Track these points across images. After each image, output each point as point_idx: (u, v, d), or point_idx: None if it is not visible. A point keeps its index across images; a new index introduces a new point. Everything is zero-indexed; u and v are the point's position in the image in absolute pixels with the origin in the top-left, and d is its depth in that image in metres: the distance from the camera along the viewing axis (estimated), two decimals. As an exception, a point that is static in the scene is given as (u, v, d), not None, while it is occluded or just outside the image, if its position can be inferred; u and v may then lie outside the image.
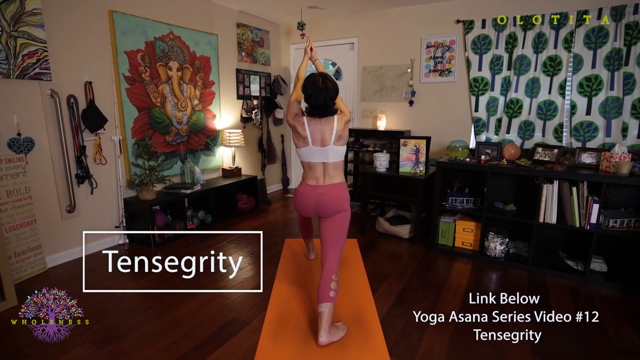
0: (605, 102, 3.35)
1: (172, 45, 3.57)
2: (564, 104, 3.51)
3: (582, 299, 2.45)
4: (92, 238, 3.16)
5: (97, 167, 3.13)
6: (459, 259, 3.04)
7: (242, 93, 4.48)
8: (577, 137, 3.50)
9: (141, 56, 3.32)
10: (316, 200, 2.20)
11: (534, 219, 2.73)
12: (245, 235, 3.57)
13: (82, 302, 2.38)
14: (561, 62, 3.46)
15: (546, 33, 3.48)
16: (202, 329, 2.12)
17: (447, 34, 3.96)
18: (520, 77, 3.65)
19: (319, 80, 2.07)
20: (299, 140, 2.20)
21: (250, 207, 4.25)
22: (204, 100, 3.99)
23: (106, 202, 3.23)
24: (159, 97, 3.51)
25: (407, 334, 2.08)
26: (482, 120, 3.89)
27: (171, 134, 3.68)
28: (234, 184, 4.02)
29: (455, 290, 2.55)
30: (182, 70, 3.70)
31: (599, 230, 2.54)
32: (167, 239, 3.35)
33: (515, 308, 2.32)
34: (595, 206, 2.50)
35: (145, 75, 3.37)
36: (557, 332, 2.09)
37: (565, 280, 2.67)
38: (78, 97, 2.94)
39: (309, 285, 2.59)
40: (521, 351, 1.93)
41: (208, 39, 3.94)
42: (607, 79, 3.33)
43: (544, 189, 2.66)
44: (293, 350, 1.92)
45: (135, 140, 3.36)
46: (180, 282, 2.64)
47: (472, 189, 3.22)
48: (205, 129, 4.05)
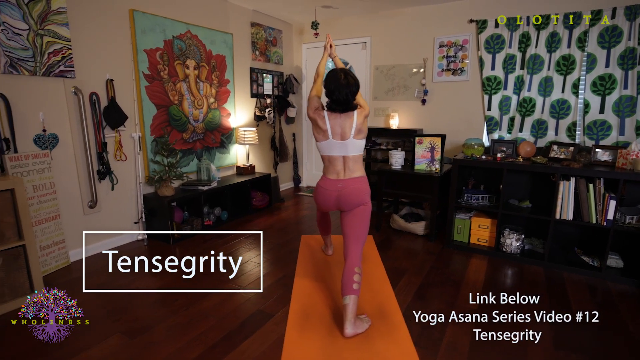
0: (619, 101, 3.38)
1: (189, 44, 3.62)
2: (577, 102, 3.55)
3: (600, 294, 2.48)
4: (111, 233, 3.21)
5: (117, 164, 3.18)
6: (475, 255, 3.08)
7: (256, 91, 4.52)
8: (590, 136, 3.53)
9: (160, 54, 3.37)
10: (337, 194, 2.24)
11: (551, 216, 2.77)
12: (263, 231, 3.61)
13: (106, 294, 2.44)
14: (575, 61, 3.50)
15: (560, 32, 3.52)
16: (229, 321, 2.16)
17: (460, 34, 4.00)
18: (534, 76, 3.69)
19: (341, 76, 2.11)
20: (319, 133, 2.23)
21: (264, 204, 4.29)
22: (220, 99, 4.04)
23: (126, 198, 3.28)
24: (176, 95, 3.56)
25: (430, 327, 2.12)
26: (495, 119, 3.93)
27: (188, 132, 3.73)
28: (249, 181, 4.07)
29: (473, 285, 2.59)
30: (198, 69, 3.75)
31: (616, 226, 2.58)
32: (184, 235, 3.40)
33: (535, 302, 2.37)
34: (612, 203, 2.54)
35: (164, 73, 3.42)
36: (577, 327, 2.12)
37: (581, 277, 2.71)
38: (100, 94, 2.99)
39: (329, 280, 2.64)
40: (543, 345, 1.97)
41: (224, 37, 3.99)
42: (620, 77, 3.36)
43: (560, 186, 2.70)
44: (320, 342, 1.96)
45: (154, 137, 3.41)
46: (199, 277, 2.68)
47: (487, 186, 3.26)
48: (221, 126, 4.10)
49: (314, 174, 5.44)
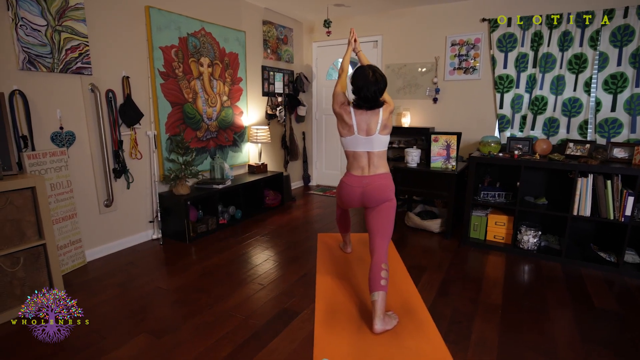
0: (630, 99, 3.42)
1: (203, 41, 3.60)
2: (589, 101, 3.58)
3: (619, 289, 2.51)
4: (126, 232, 3.19)
5: (132, 162, 3.15)
6: (492, 252, 3.10)
7: (267, 90, 4.51)
8: (601, 134, 3.57)
9: (175, 52, 3.35)
10: (362, 191, 2.23)
11: (568, 212, 2.79)
12: (276, 231, 3.60)
13: (127, 294, 2.42)
14: (587, 59, 3.53)
15: (572, 31, 3.55)
16: (255, 319, 2.15)
17: (472, 32, 4.02)
18: (546, 74, 3.72)
19: (369, 73, 2.10)
20: (344, 128, 2.22)
21: (277, 203, 4.28)
22: (232, 97, 4.03)
23: (141, 196, 3.26)
24: (190, 92, 3.54)
25: (457, 322, 2.13)
26: (507, 117, 3.96)
27: (202, 130, 3.71)
28: (262, 180, 4.06)
29: (494, 282, 2.60)
30: (212, 67, 3.73)
31: (633, 222, 2.61)
32: (200, 233, 3.38)
33: (556, 297, 2.39)
34: (630, 199, 2.57)
35: (179, 71, 3.40)
36: (600, 320, 2.15)
37: (599, 272, 2.74)
38: (116, 91, 2.96)
39: (350, 277, 2.64)
40: (570, 339, 1.98)
41: (236, 35, 3.97)
42: (632, 76, 3.40)
43: (578, 183, 2.72)
44: (349, 338, 1.96)
45: (169, 135, 3.39)
46: (220, 276, 2.68)
47: (503, 183, 3.28)
48: (233, 125, 4.08)
49: (324, 172, 5.44)
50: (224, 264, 2.88)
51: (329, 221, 3.88)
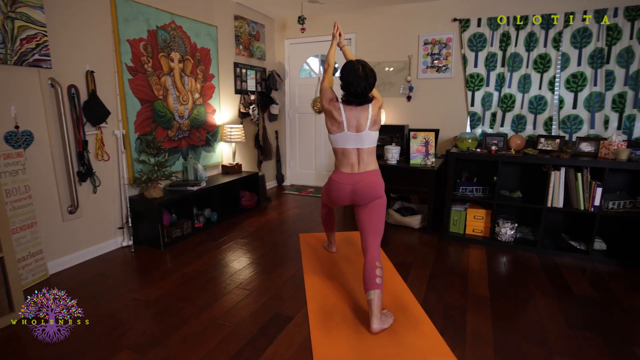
0: (590, 97, 3.65)
1: (173, 35, 3.40)
2: (552, 98, 3.79)
3: (592, 275, 2.66)
4: (93, 241, 2.93)
5: (99, 164, 2.91)
6: (472, 245, 3.18)
7: (240, 87, 4.36)
8: (564, 130, 3.79)
9: (143, 45, 3.13)
10: (353, 188, 2.19)
11: (543, 204, 2.92)
12: (255, 233, 3.48)
13: (102, 308, 2.22)
14: (550, 59, 3.73)
15: (537, 32, 3.73)
16: (246, 327, 2.04)
17: (444, 32, 4.12)
18: (514, 73, 3.89)
19: (359, 68, 2.07)
20: (333, 125, 2.18)
21: (253, 204, 4.15)
22: (205, 94, 3.84)
23: (109, 201, 3.01)
24: (161, 89, 3.33)
25: (451, 317, 2.15)
26: (478, 115, 4.10)
27: (173, 129, 3.50)
28: (237, 180, 3.91)
29: (479, 274, 2.67)
30: (183, 62, 3.53)
31: (602, 212, 2.78)
32: (175, 238, 3.19)
33: (538, 286, 2.49)
34: (598, 190, 2.73)
35: (148, 66, 3.19)
36: (581, 306, 2.26)
37: (571, 260, 2.89)
38: (79, 87, 2.71)
39: (339, 277, 2.59)
40: (557, 326, 2.06)
41: (208, 30, 3.80)
42: (591, 75, 3.63)
43: (552, 176, 2.86)
44: (348, 340, 1.92)
45: (139, 134, 3.16)
46: (202, 283, 2.53)
47: (480, 178, 3.38)
48: (206, 124, 3.90)
49: (298, 172, 5.35)
50: (205, 269, 2.73)
51: (309, 221, 3.81)
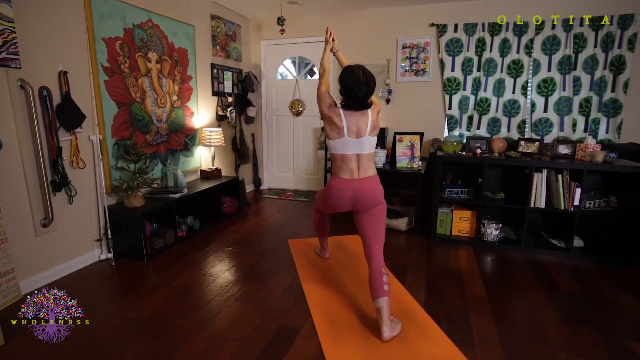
0: (559, 101, 3.90)
1: (150, 34, 3.21)
2: (525, 102, 4.00)
3: (574, 271, 2.82)
4: (69, 255, 2.69)
5: (74, 172, 2.67)
6: (459, 246, 3.27)
7: (217, 89, 4.20)
8: (536, 132, 4.02)
9: (120, 45, 2.92)
10: (353, 194, 2.18)
11: (526, 205, 3.06)
12: (241, 240, 3.37)
13: (89, 330, 2.03)
14: (523, 65, 3.93)
15: (510, 39, 3.92)
16: (253, 342, 1.96)
17: (422, 36, 4.22)
18: (489, 78, 4.06)
19: (359, 72, 2.06)
20: (333, 131, 2.15)
21: (234, 210, 4.01)
22: (182, 96, 3.66)
23: (85, 212, 2.78)
24: (138, 91, 3.12)
25: (455, 319, 2.18)
26: (455, 118, 4.23)
27: (151, 133, 3.30)
28: (219, 186, 3.76)
29: (472, 274, 2.75)
30: (161, 63, 3.34)
31: (580, 211, 2.96)
32: (157, 249, 3.01)
33: (528, 284, 2.60)
34: (577, 190, 2.91)
35: (125, 66, 2.98)
36: (571, 301, 2.39)
37: (553, 257, 3.05)
38: (52, 89, 2.47)
39: (338, 283, 2.56)
40: (553, 322, 2.16)
41: (185, 29, 3.62)
42: (560, 81, 3.88)
43: (534, 178, 3.00)
44: (360, 350, 1.89)
45: (116, 139, 2.94)
46: (195, 296, 2.40)
47: (464, 180, 3.49)
48: (184, 127, 3.71)
49: (276, 175, 5.26)
50: (195, 282, 2.59)
51: (294, 226, 3.75)
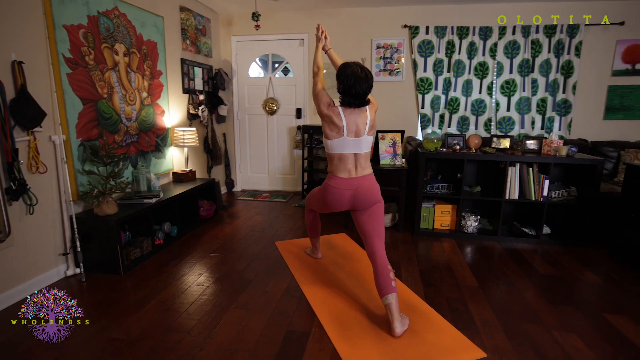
0: (519, 101, 4.19)
1: (117, 23, 2.92)
2: (491, 102, 4.25)
3: (547, 256, 3.03)
4: (30, 273, 2.36)
5: (34, 177, 2.35)
6: (442, 239, 3.38)
7: (188, 86, 3.95)
8: (500, 130, 4.28)
9: (83, 33, 2.62)
10: (353, 194, 2.16)
11: (502, 197, 3.24)
12: (225, 245, 3.19)
13: (74, 357, 1.79)
14: (488, 67, 4.17)
15: (476, 42, 4.14)
16: (264, 351, 1.84)
17: (396, 37, 4.31)
18: (458, 78, 4.25)
19: (358, 69, 2.05)
20: (332, 131, 2.12)
21: (212, 213, 3.80)
22: (152, 93, 3.38)
23: (48, 223, 2.46)
24: (105, 86, 2.83)
25: (455, 309, 2.24)
26: (428, 116, 4.38)
27: (120, 133, 3.01)
28: (195, 189, 3.53)
29: (461, 265, 2.84)
30: (129, 56, 3.06)
31: (549, 201, 3.19)
32: (134, 260, 2.74)
33: (511, 271, 2.74)
34: (546, 182, 3.13)
35: (89, 58, 2.68)
36: (551, 283, 2.56)
37: (526, 245, 3.26)
38: (4, 81, 2.15)
39: (336, 283, 2.52)
40: (542, 304, 2.29)
41: (154, 20, 3.35)
42: (520, 82, 4.16)
43: (509, 171, 3.18)
44: (375, 348, 1.86)
45: (81, 140, 2.64)
46: (189, 308, 2.23)
47: (443, 176, 3.61)
48: (155, 126, 3.44)
49: (249, 176, 5.07)
50: (185, 292, 2.40)
51: (278, 227, 3.64)
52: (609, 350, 1.87)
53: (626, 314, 2.19)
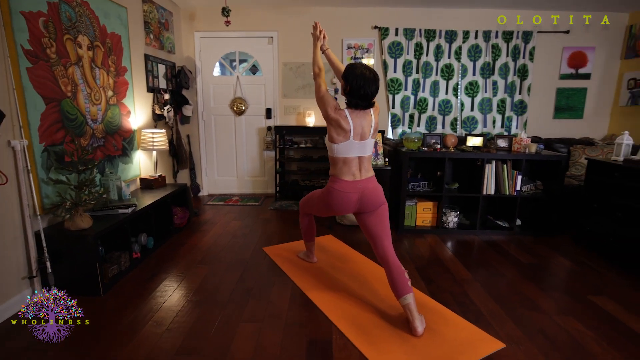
0: (482, 102, 4.47)
1: (80, 13, 2.58)
2: (456, 102, 4.48)
3: (523, 246, 3.26)
4: (-16, 304, 1.99)
5: (-9, 190, 1.98)
6: (425, 235, 3.48)
7: (152, 84, 3.61)
8: (465, 129, 4.53)
9: (44, 22, 2.27)
10: (359, 197, 2.15)
11: (479, 193, 3.42)
12: (209, 254, 2.97)
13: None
14: (454, 69, 4.39)
15: (443, 45, 4.33)
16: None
17: (366, 38, 4.35)
18: (426, 79, 4.42)
19: (365, 70, 2.05)
20: (339, 135, 2.09)
21: (185, 221, 3.52)
22: (118, 92, 3.04)
23: (8, 242, 2.08)
24: (69, 83, 2.48)
25: (462, 303, 2.31)
26: (398, 116, 4.50)
27: (86, 136, 2.66)
28: (169, 196, 3.24)
29: (451, 260, 2.95)
30: (93, 50, 2.72)
31: (522, 195, 3.43)
32: (112, 278, 2.44)
33: (497, 262, 2.91)
34: (519, 177, 3.37)
35: (51, 51, 2.33)
36: (535, 271, 2.76)
37: (502, 237, 3.48)
38: (-45, 76, 1.79)
39: (341, 286, 2.47)
40: (534, 291, 2.46)
41: (118, 11, 3.01)
42: (482, 84, 4.44)
43: (486, 168, 3.37)
44: (400, 348, 1.85)
45: (45, 145, 2.28)
46: (192, 327, 2.04)
47: (423, 174, 3.71)
48: (121, 129, 3.10)
49: (216, 180, 4.79)
50: (182, 309, 2.18)
51: (260, 232, 3.48)
52: (604, 328, 2.06)
53: (605, 295, 2.43)
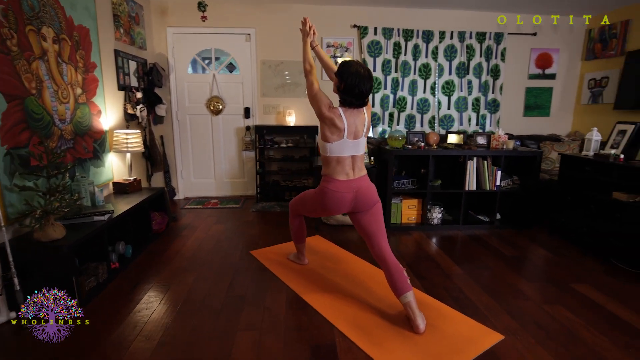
0: (458, 101, 4.58)
1: (43, 2, 2.35)
2: (434, 101, 4.55)
3: (504, 239, 3.36)
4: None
5: (-52, 199, 1.75)
6: (411, 232, 3.50)
7: (123, 82, 3.38)
8: (442, 127, 4.62)
9: (3, 10, 2.04)
10: (354, 196, 2.12)
11: (462, 189, 3.49)
12: (193, 261, 2.81)
13: None
14: (431, 68, 4.46)
15: (420, 45, 4.39)
16: (294, 373, 1.67)
17: (345, 36, 4.33)
18: (405, 78, 4.46)
19: (360, 68, 2.03)
20: (333, 134, 2.05)
21: (164, 227, 3.32)
22: (87, 90, 2.81)
23: (-31, 257, 1.85)
24: (33, 80, 2.25)
25: (457, 298, 2.32)
26: (378, 115, 4.51)
27: (54, 138, 2.43)
28: (146, 200, 3.04)
29: (440, 255, 2.97)
30: (59, 43, 2.49)
31: (501, 190, 3.54)
32: (89, 291, 2.24)
33: (483, 256, 2.97)
34: (499, 173, 3.47)
35: (12, 43, 2.10)
36: (520, 263, 2.84)
37: (484, 231, 3.57)
38: None
39: (335, 287, 2.42)
40: (522, 283, 2.53)
41: (85, 3, 2.79)
42: (458, 83, 4.55)
43: (468, 165, 3.44)
44: (406, 347, 1.83)
45: (7, 147, 2.05)
46: (188, 340, 1.91)
47: (407, 172, 3.74)
48: (92, 129, 2.87)
49: (192, 182, 4.58)
50: (173, 321, 2.04)
51: (245, 235, 3.35)
52: (590, 315, 2.14)
53: (587, 283, 2.53)
